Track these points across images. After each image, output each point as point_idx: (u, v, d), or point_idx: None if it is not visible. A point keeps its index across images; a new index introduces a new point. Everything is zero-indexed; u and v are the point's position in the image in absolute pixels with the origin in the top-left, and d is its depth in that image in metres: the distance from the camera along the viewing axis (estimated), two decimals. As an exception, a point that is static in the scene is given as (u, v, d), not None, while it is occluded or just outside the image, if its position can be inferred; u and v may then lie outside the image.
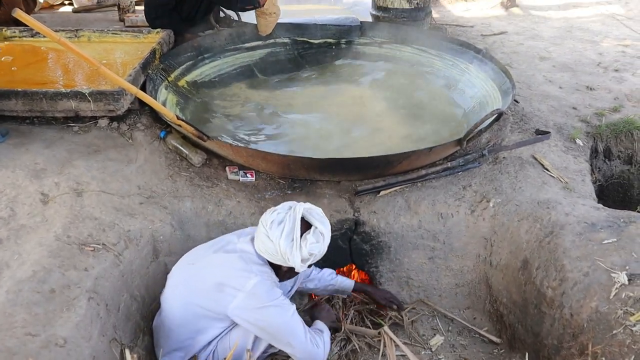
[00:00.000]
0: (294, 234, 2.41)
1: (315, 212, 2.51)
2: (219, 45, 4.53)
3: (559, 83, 4.53)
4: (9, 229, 2.71)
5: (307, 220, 2.48)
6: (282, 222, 2.43)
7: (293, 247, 2.40)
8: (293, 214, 2.45)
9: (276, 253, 2.43)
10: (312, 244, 2.42)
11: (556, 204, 3.06)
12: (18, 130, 3.44)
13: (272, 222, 2.44)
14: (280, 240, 2.40)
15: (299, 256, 2.41)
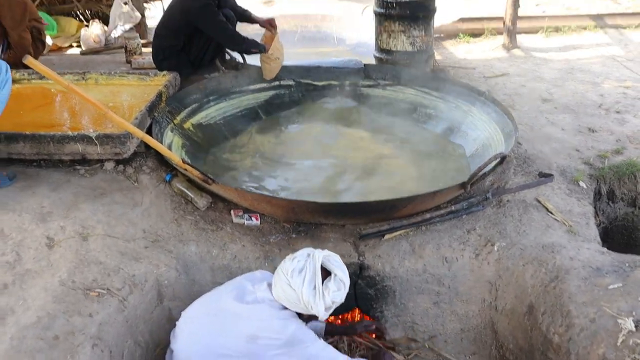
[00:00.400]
0: (315, 282, 2.43)
1: (333, 259, 2.54)
2: (225, 88, 4.58)
3: (561, 125, 4.56)
4: (14, 273, 2.72)
5: (326, 268, 2.50)
6: (302, 270, 2.44)
7: (316, 296, 2.41)
8: (313, 261, 2.46)
9: (298, 301, 2.43)
10: (334, 292, 2.45)
11: (561, 247, 3.06)
12: (25, 173, 3.47)
13: (292, 270, 2.44)
14: (303, 288, 2.41)
15: (322, 305, 2.43)
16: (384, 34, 5.14)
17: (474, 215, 3.42)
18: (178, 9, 4.48)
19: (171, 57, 4.62)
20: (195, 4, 4.36)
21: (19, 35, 4.80)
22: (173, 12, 4.54)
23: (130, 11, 6.43)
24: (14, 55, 4.77)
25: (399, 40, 5.07)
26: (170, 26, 4.57)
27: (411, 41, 5.05)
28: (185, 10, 4.41)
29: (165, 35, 4.60)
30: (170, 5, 4.63)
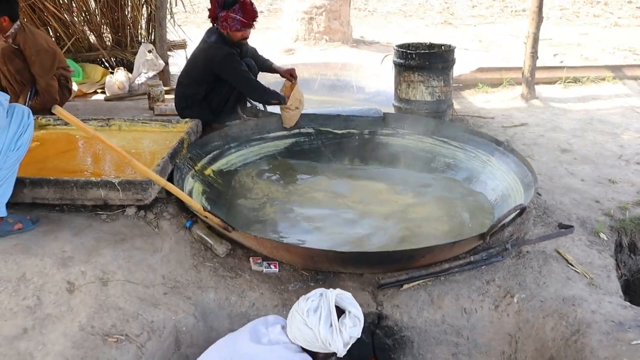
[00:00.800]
0: (331, 319, 2.44)
1: (346, 296, 2.55)
2: (245, 135, 4.64)
3: (580, 176, 4.55)
4: (34, 317, 2.74)
5: (339, 306, 2.50)
6: (317, 309, 2.46)
7: (334, 333, 2.42)
8: (326, 300, 2.48)
9: (316, 340, 2.43)
10: (350, 328, 2.46)
11: (582, 301, 3.03)
12: (48, 218, 3.53)
13: (308, 310, 2.46)
14: (320, 327, 2.41)
15: (340, 340, 2.43)
16: (404, 84, 5.21)
17: (493, 266, 3.41)
18: (201, 58, 4.56)
19: (193, 106, 4.70)
20: (218, 54, 4.45)
21: (47, 83, 4.93)
22: (196, 61, 4.63)
23: (154, 59, 6.59)
24: (40, 101, 4.90)
25: (418, 90, 5.13)
26: (192, 75, 4.66)
27: (430, 91, 5.11)
28: (209, 60, 4.49)
29: (188, 83, 4.69)
30: (194, 54, 4.73)
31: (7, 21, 4.64)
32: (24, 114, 3.23)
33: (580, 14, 12.09)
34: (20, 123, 3.19)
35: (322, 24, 8.79)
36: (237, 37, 4.46)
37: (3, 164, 3.16)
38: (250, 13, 4.40)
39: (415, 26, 11.37)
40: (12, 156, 3.18)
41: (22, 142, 3.20)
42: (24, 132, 3.22)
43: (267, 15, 12.49)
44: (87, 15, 7.21)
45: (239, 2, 4.36)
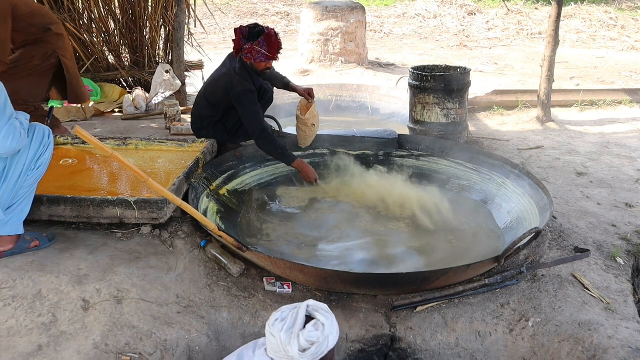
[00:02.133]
0: (294, 328, 2.35)
1: (319, 307, 2.46)
2: (260, 155, 4.66)
3: (597, 199, 4.53)
4: (49, 335, 2.76)
5: (310, 315, 2.42)
6: (284, 319, 2.41)
7: (291, 337, 2.32)
8: (296, 311, 2.42)
9: (279, 349, 2.35)
10: (309, 332, 2.34)
11: (598, 326, 3.00)
12: (64, 235, 3.56)
13: (275, 320, 2.41)
14: (281, 333, 2.33)
15: (296, 344, 2.31)
16: (419, 106, 5.22)
17: (508, 290, 3.38)
18: (222, 85, 4.55)
19: (209, 127, 4.73)
20: (238, 86, 4.41)
21: None
22: (217, 86, 4.62)
23: (171, 79, 6.65)
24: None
25: (434, 112, 5.14)
26: (210, 99, 4.67)
27: (445, 113, 5.12)
28: (228, 88, 4.48)
29: (205, 105, 4.71)
30: (214, 78, 4.71)
31: None
32: (45, 133, 3.28)
33: (597, 38, 12.08)
34: (41, 143, 3.24)
35: (338, 46, 8.84)
36: (261, 67, 4.46)
37: (23, 182, 3.20)
38: (274, 46, 4.37)
39: (430, 48, 11.41)
40: (32, 175, 3.23)
41: (42, 162, 3.25)
42: (45, 152, 3.27)
43: (283, 36, 12.53)
44: (106, 36, 7.31)
45: (263, 34, 4.33)
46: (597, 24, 12.86)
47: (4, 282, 3.03)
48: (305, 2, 15.26)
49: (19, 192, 3.22)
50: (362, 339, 3.17)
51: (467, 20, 13.77)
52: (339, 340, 3.06)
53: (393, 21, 14.12)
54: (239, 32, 4.40)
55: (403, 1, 16.01)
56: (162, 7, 7.11)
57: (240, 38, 4.40)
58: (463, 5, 14.52)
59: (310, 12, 8.97)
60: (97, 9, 7.06)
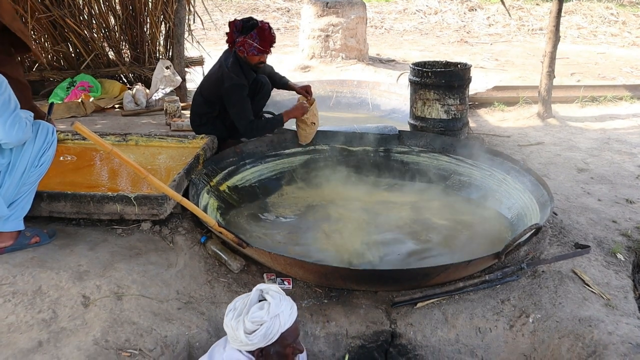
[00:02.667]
0: (242, 313, 2.36)
1: (270, 288, 2.45)
2: (261, 151, 4.67)
3: (597, 195, 4.52)
4: (49, 331, 2.76)
5: (265, 298, 2.42)
6: (236, 308, 2.40)
7: (238, 322, 2.33)
8: (248, 298, 2.42)
9: (235, 338, 2.36)
10: (254, 313, 2.33)
11: (598, 322, 3.00)
12: (64, 231, 3.56)
13: (229, 310, 2.41)
14: (232, 321, 2.36)
15: (241, 327, 2.32)
16: (419, 102, 5.22)
17: (509, 286, 3.38)
18: (214, 80, 4.56)
19: (207, 123, 4.71)
20: (227, 82, 4.41)
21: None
22: (210, 82, 4.62)
23: (172, 75, 6.65)
24: None
25: (434, 108, 5.13)
26: (206, 94, 4.66)
27: (446, 109, 5.11)
28: (219, 84, 4.48)
29: (201, 102, 4.70)
30: (209, 75, 4.72)
31: None
32: (49, 131, 3.28)
33: (598, 33, 12.07)
34: (45, 140, 3.24)
35: (339, 42, 8.83)
36: (254, 61, 4.44)
37: (27, 179, 3.21)
38: (267, 39, 4.36)
39: (431, 44, 11.40)
40: (35, 172, 3.23)
41: (45, 159, 3.26)
42: (48, 149, 3.27)
43: (284, 32, 12.59)
44: (106, 32, 7.30)
45: (256, 27, 4.33)
46: (598, 20, 12.85)
47: (4, 278, 3.03)
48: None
49: (22, 189, 3.22)
50: (362, 335, 3.17)
51: (467, 16, 13.76)
52: (338, 337, 3.09)
53: (394, 17, 14.11)
54: (233, 25, 4.41)
55: (404, -3, 16.00)
56: (162, 3, 7.10)
57: (233, 31, 4.41)
58: (464, 1, 14.51)
59: (310, 8, 8.95)
60: (97, 5, 7.05)
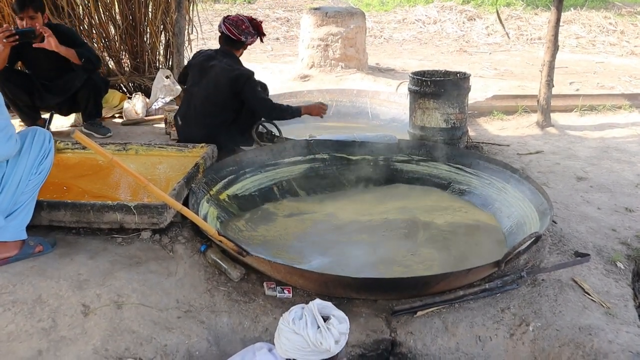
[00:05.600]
0: (317, 322, 2.46)
1: (327, 305, 2.59)
2: (260, 160, 4.67)
3: (597, 204, 4.53)
4: (49, 340, 2.76)
5: (322, 314, 2.53)
6: (302, 317, 2.48)
7: (323, 332, 2.43)
8: (309, 309, 2.52)
9: (307, 345, 2.43)
10: (338, 325, 2.48)
11: (599, 330, 3.00)
12: (64, 240, 3.56)
13: (292, 319, 2.48)
14: (307, 330, 2.43)
15: (331, 337, 2.43)
16: (419, 111, 5.23)
17: (508, 294, 3.38)
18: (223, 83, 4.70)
19: (221, 133, 4.78)
20: (243, 77, 4.67)
21: None
22: (220, 87, 4.73)
23: (171, 84, 6.66)
24: None
25: (433, 117, 5.14)
26: (219, 101, 4.77)
27: (445, 118, 5.12)
28: (233, 83, 4.66)
29: (215, 112, 4.79)
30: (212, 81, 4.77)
31: None
32: (45, 138, 3.29)
33: (596, 43, 12.10)
34: (41, 147, 3.24)
35: (338, 51, 8.85)
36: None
37: (24, 188, 3.21)
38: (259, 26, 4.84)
39: (430, 53, 11.43)
40: (33, 181, 3.23)
41: (43, 167, 3.26)
42: (45, 157, 3.28)
43: (283, 42, 12.62)
44: (106, 42, 7.33)
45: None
46: (597, 29, 12.88)
47: (4, 287, 3.03)
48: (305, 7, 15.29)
49: (20, 198, 3.21)
50: (362, 343, 3.17)
51: (466, 25, 13.79)
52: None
53: (393, 27, 14.15)
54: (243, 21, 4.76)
55: (403, 7, 16.04)
56: (162, 13, 7.13)
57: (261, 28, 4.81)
58: (463, 11, 14.54)
59: (310, 18, 8.98)
60: (97, 15, 7.07)
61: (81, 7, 6.93)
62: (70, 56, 5.13)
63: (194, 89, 4.91)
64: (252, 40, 4.79)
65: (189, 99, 4.98)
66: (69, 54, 5.12)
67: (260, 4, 16.89)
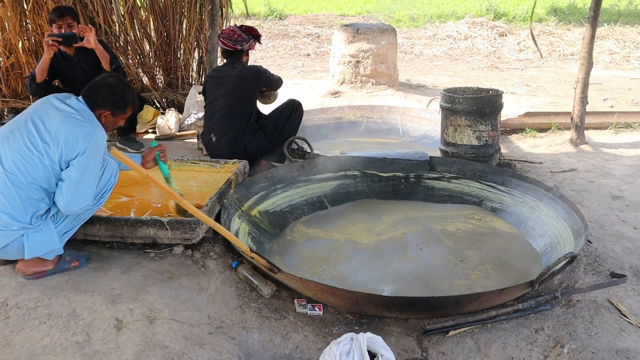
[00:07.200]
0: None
1: (377, 340, 2.58)
2: (291, 177, 4.69)
3: (633, 223, 4.44)
4: (83, 354, 2.78)
5: (371, 350, 2.52)
6: (349, 353, 2.46)
7: None
8: (358, 344, 2.49)
9: None
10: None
11: (636, 354, 2.93)
12: (98, 254, 3.61)
13: (340, 354, 2.47)
14: None
15: None
16: (450, 128, 5.21)
17: (542, 315, 3.33)
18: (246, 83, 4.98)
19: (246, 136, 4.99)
20: (256, 72, 5.01)
21: None
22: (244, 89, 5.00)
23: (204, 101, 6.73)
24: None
25: (465, 134, 5.12)
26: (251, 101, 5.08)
27: (477, 135, 5.09)
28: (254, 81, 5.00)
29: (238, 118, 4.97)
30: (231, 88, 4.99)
31: None
32: (113, 172, 3.39)
33: (630, 59, 11.95)
34: (107, 182, 3.36)
35: (369, 68, 8.87)
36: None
37: (82, 217, 3.38)
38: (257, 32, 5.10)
39: (461, 69, 11.39)
40: (90, 211, 3.38)
41: (102, 201, 3.42)
42: (107, 192, 3.39)
43: (314, 58, 12.69)
44: (141, 58, 7.45)
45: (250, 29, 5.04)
46: (631, 45, 12.73)
47: (39, 301, 3.08)
48: (335, 24, 15.38)
49: (74, 223, 3.36)
50: (393, 363, 3.14)
51: (498, 41, 13.74)
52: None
53: (423, 42, 14.15)
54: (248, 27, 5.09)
55: (433, 23, 16.05)
56: (195, 30, 7.24)
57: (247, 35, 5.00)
58: (494, 27, 14.50)
59: (341, 34, 9.02)
60: (132, 32, 7.20)
61: (117, 24, 7.06)
62: (104, 59, 5.34)
63: (215, 102, 5.08)
64: (248, 45, 4.98)
65: (211, 113, 5.13)
66: (103, 56, 5.33)
67: (291, 20, 17.02)
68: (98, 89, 3.31)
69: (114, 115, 3.36)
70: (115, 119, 3.38)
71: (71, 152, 3.08)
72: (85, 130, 3.12)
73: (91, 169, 3.12)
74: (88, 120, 3.19)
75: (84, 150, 3.08)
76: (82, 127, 3.13)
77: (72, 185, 3.09)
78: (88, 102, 3.28)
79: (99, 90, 3.31)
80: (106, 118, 3.32)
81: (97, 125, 3.22)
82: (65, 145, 3.08)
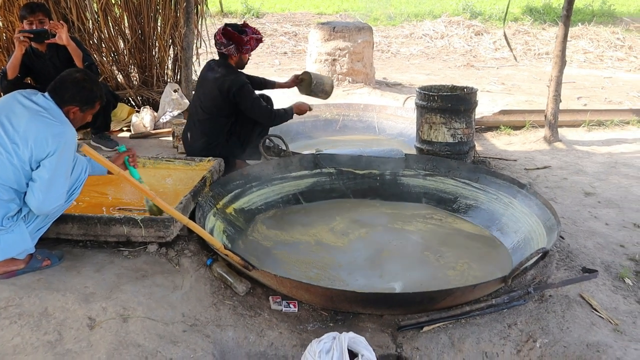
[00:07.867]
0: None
1: (359, 340, 2.55)
2: (267, 174, 4.68)
3: (604, 219, 4.50)
4: (54, 353, 2.75)
5: (352, 349, 2.50)
6: (329, 351, 2.46)
7: None
8: (339, 342, 2.48)
9: None
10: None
11: (607, 347, 2.98)
12: (71, 253, 3.58)
13: (320, 351, 2.46)
14: None
15: None
16: (425, 126, 5.23)
17: (515, 310, 3.36)
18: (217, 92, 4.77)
19: (220, 144, 4.85)
20: (234, 85, 4.72)
21: None
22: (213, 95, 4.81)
23: (179, 98, 6.70)
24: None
25: (440, 132, 5.15)
26: (215, 110, 4.85)
27: (452, 133, 5.12)
28: (225, 92, 4.73)
29: (209, 119, 4.86)
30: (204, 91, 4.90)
31: None
32: (82, 169, 3.33)
33: (604, 58, 12.10)
34: (77, 179, 3.30)
35: (345, 66, 8.88)
36: (246, 59, 4.91)
37: (53, 215, 3.31)
38: (257, 32, 4.87)
39: (437, 68, 11.45)
40: (62, 208, 3.32)
41: (73, 198, 3.36)
42: (78, 188, 3.34)
43: (291, 56, 12.68)
44: (115, 56, 7.38)
45: (246, 27, 4.83)
46: (605, 45, 12.89)
47: (10, 300, 3.04)
48: (312, 22, 15.38)
49: (46, 220, 3.30)
50: (368, 359, 3.15)
51: (474, 40, 13.83)
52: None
53: (400, 41, 14.20)
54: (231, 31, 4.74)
55: (410, 21, 16.13)
56: (170, 27, 7.19)
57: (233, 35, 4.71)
58: (470, 26, 14.60)
59: (317, 32, 9.03)
60: (106, 29, 7.13)
61: (91, 21, 6.99)
62: (77, 56, 5.26)
63: (195, 102, 5.03)
64: (227, 50, 4.73)
65: (191, 112, 5.10)
66: (76, 53, 5.25)
67: (269, 18, 17.00)
68: (65, 85, 3.24)
69: (82, 111, 3.30)
70: (83, 114, 3.32)
71: (41, 152, 3.03)
72: (54, 129, 3.07)
73: (62, 168, 3.07)
74: (57, 119, 3.13)
75: (54, 149, 3.03)
76: (52, 126, 3.08)
77: (43, 185, 3.04)
78: (55, 99, 3.21)
79: (66, 86, 3.24)
80: (74, 114, 3.26)
81: (67, 124, 3.17)
82: (35, 145, 3.02)
